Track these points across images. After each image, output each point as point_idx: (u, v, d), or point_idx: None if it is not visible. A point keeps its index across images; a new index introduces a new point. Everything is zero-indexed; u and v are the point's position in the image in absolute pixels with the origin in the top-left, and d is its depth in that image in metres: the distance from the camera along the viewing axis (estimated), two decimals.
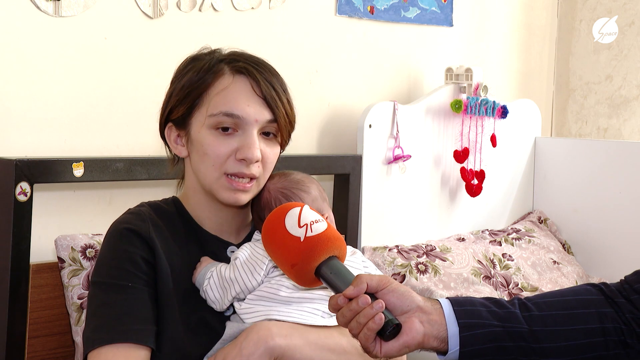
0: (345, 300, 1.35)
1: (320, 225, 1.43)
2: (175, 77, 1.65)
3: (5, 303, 1.98)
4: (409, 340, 1.36)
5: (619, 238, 3.10)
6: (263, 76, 1.60)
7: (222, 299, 1.58)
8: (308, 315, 1.54)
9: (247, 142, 1.57)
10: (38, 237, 2.11)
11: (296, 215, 1.43)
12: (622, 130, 3.50)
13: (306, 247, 1.40)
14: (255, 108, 1.58)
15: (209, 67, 1.60)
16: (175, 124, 1.63)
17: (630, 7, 3.45)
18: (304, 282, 1.44)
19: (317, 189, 1.69)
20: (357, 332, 1.35)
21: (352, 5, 2.88)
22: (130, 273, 1.53)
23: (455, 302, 1.42)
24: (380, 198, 2.84)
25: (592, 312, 1.45)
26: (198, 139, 1.59)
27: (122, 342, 1.49)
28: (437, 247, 2.84)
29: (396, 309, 1.37)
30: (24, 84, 2.16)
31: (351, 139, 2.84)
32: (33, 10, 2.15)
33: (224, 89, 1.58)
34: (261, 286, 1.57)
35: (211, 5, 2.50)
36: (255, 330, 1.50)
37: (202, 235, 1.65)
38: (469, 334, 1.39)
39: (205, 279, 1.58)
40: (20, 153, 2.13)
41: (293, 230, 1.42)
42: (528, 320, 1.43)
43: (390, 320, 1.34)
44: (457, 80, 3.02)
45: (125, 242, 1.56)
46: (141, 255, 1.55)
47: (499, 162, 3.20)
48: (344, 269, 1.41)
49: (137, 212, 1.62)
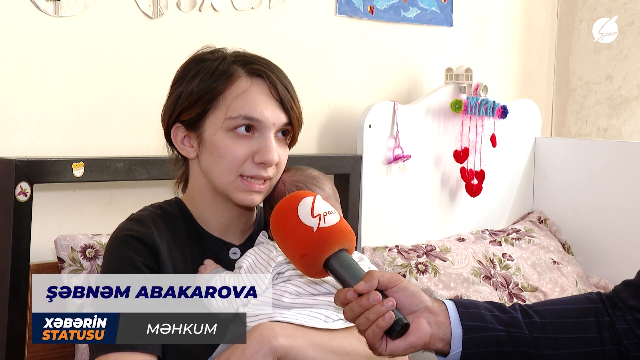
0: (354, 295, 1.34)
1: (333, 217, 1.42)
2: (181, 78, 1.63)
3: (5, 303, 1.98)
4: (416, 341, 1.36)
5: (619, 238, 3.10)
6: (278, 78, 1.61)
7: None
8: (311, 319, 1.54)
9: (265, 146, 1.57)
10: (38, 237, 2.11)
11: (309, 205, 1.42)
12: (622, 130, 3.50)
13: (319, 238, 1.39)
14: (273, 111, 1.59)
15: (223, 70, 1.59)
16: (184, 125, 1.63)
17: (630, 7, 3.45)
18: (311, 273, 1.43)
19: (331, 188, 1.69)
20: (365, 328, 1.34)
21: (352, 5, 2.88)
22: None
23: (460, 304, 1.42)
24: (380, 198, 2.83)
25: (592, 321, 1.45)
26: (213, 141, 1.59)
27: (128, 351, 1.48)
28: (437, 247, 2.84)
29: (405, 308, 1.36)
30: (24, 84, 2.16)
31: (351, 139, 2.84)
32: (33, 10, 2.15)
33: (243, 93, 1.58)
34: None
35: (211, 6, 2.50)
36: (258, 330, 1.50)
37: (204, 237, 1.65)
38: (473, 337, 1.39)
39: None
40: (20, 153, 2.13)
41: (306, 220, 1.41)
42: (529, 327, 1.43)
43: (399, 319, 1.33)
44: (457, 80, 3.02)
45: (127, 249, 1.56)
46: (144, 262, 1.55)
47: (499, 162, 3.20)
48: (354, 263, 1.40)
49: (139, 218, 1.62)
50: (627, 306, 1.46)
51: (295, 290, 1.55)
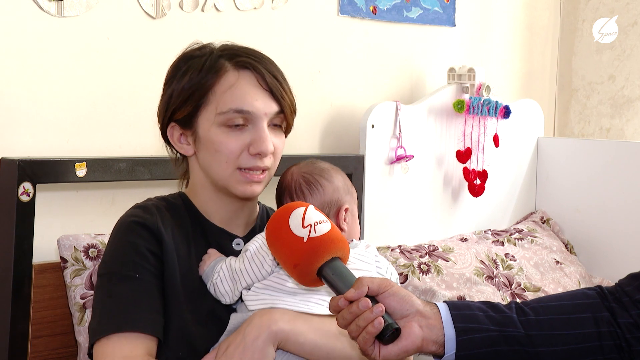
0: (345, 303, 1.35)
1: (324, 226, 1.43)
2: (171, 78, 1.65)
3: (8, 303, 1.98)
4: (408, 345, 1.37)
5: (622, 238, 3.10)
6: (266, 68, 1.62)
7: (233, 291, 1.58)
8: (313, 305, 1.55)
9: (259, 136, 1.59)
10: (41, 237, 2.11)
11: (300, 215, 1.43)
12: (625, 130, 3.50)
13: (309, 248, 1.40)
14: (263, 102, 1.60)
15: (210, 65, 1.61)
16: (179, 123, 1.64)
17: (633, 7, 3.44)
18: (305, 282, 1.45)
19: (342, 181, 1.71)
20: (356, 334, 1.35)
21: (354, 5, 2.88)
22: (137, 264, 1.54)
23: (453, 306, 1.43)
24: (383, 198, 2.83)
25: (588, 317, 1.45)
26: (208, 137, 1.60)
27: (129, 331, 1.49)
28: (440, 247, 2.84)
29: (396, 313, 1.37)
30: (27, 84, 2.16)
31: (354, 139, 2.84)
32: (36, 10, 2.15)
33: (231, 86, 1.59)
34: (269, 276, 1.57)
35: (213, 6, 2.50)
36: (258, 316, 1.51)
37: (208, 227, 1.67)
38: (466, 338, 1.40)
39: (215, 272, 1.59)
40: (23, 153, 2.13)
41: (297, 231, 1.42)
42: (525, 325, 1.43)
43: (389, 325, 1.34)
44: (460, 80, 3.02)
45: (132, 234, 1.57)
46: (148, 248, 1.56)
47: (501, 162, 3.20)
48: (346, 271, 1.41)
49: (144, 206, 1.64)
50: (633, 300, 1.46)
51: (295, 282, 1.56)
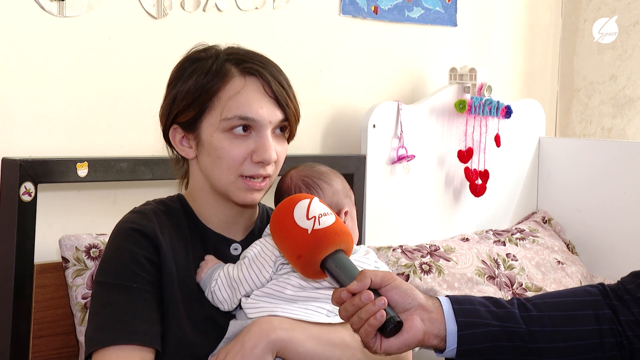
0: (348, 295, 1.36)
1: (328, 219, 1.44)
2: (176, 79, 1.63)
3: (9, 303, 1.98)
4: (410, 338, 1.37)
5: (624, 238, 3.10)
6: (272, 75, 1.61)
7: (231, 299, 1.58)
8: (312, 313, 1.55)
9: (263, 145, 1.58)
10: (42, 237, 2.11)
11: (305, 207, 1.44)
12: (627, 130, 3.50)
13: (313, 240, 1.41)
14: (268, 109, 1.58)
15: (216, 70, 1.59)
16: (182, 126, 1.63)
17: (634, 6, 3.44)
18: (309, 274, 1.45)
19: (341, 184, 1.71)
20: (358, 327, 1.35)
21: (356, 5, 2.88)
22: (135, 273, 1.53)
23: (455, 301, 1.43)
24: (384, 198, 2.83)
25: (590, 314, 1.45)
26: (211, 142, 1.59)
27: (126, 344, 1.48)
28: (441, 247, 2.84)
29: (398, 306, 1.38)
30: (28, 84, 2.16)
31: (355, 139, 2.84)
32: (37, 10, 2.15)
33: (237, 93, 1.58)
34: (268, 283, 1.57)
35: (215, 6, 2.50)
36: (257, 324, 1.51)
37: (205, 232, 1.66)
38: (467, 333, 1.40)
39: (213, 280, 1.58)
40: (25, 153, 2.13)
41: (301, 222, 1.43)
42: (526, 321, 1.43)
43: (391, 317, 1.34)
44: (461, 80, 3.02)
45: (130, 242, 1.56)
46: (145, 256, 1.55)
47: (503, 162, 3.20)
48: (349, 263, 1.41)
49: (142, 211, 1.63)
50: (635, 298, 1.46)
51: (299, 283, 1.56)
